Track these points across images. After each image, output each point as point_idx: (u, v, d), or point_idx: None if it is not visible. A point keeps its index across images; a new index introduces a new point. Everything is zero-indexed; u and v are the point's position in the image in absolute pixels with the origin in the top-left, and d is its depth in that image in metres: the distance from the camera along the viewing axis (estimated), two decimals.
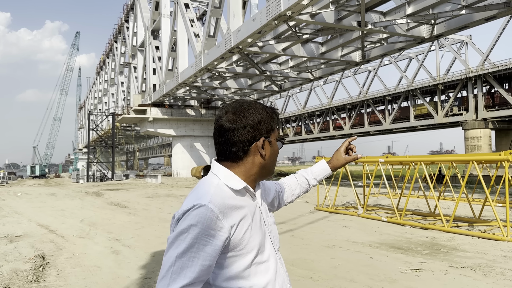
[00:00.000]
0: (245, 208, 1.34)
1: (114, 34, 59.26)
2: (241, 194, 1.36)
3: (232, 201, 1.31)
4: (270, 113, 1.44)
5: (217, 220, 1.23)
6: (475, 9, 15.26)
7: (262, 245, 1.36)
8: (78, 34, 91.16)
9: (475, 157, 9.07)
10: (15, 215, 12.85)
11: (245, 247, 1.30)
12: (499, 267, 5.82)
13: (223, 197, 1.29)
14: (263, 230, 1.40)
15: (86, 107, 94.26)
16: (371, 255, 6.65)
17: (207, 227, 1.21)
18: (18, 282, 5.34)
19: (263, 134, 1.39)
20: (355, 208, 12.57)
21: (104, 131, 51.55)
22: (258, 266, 1.34)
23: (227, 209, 1.27)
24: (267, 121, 1.41)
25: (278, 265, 1.42)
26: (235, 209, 1.30)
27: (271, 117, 1.43)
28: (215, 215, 1.23)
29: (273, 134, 1.44)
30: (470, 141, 35.95)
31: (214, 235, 1.22)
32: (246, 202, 1.36)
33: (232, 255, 1.29)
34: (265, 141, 1.40)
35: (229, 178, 1.36)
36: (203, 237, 1.21)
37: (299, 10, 15.03)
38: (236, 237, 1.28)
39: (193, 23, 28.80)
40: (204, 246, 1.21)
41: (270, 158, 1.43)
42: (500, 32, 36.71)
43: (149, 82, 39.30)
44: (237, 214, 1.30)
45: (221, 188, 1.33)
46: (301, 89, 59.27)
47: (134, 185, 30.17)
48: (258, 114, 1.39)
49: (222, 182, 1.35)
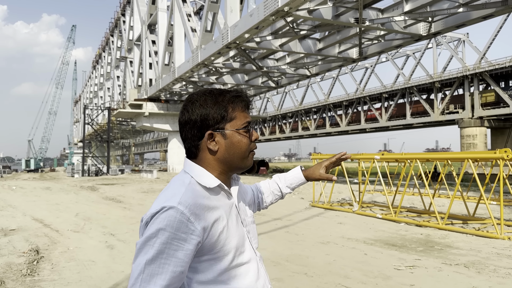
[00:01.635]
0: (220, 208, 1.25)
1: (110, 28, 58.93)
2: (215, 193, 1.26)
3: (205, 201, 1.21)
4: (222, 101, 1.28)
5: (188, 222, 1.13)
6: (473, 7, 15.29)
7: (240, 246, 1.27)
8: (74, 28, 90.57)
9: (470, 155, 9.10)
10: (10, 209, 12.80)
11: (221, 250, 1.21)
12: (492, 264, 5.85)
13: (194, 197, 1.19)
14: (241, 230, 1.31)
15: (81, 101, 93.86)
16: (365, 252, 6.67)
17: (177, 231, 1.12)
18: (12, 276, 5.32)
19: (211, 127, 1.27)
20: (350, 205, 12.60)
21: (100, 125, 51.37)
22: (237, 269, 1.25)
23: (200, 210, 1.17)
24: (215, 112, 1.27)
25: (259, 266, 1.34)
26: (208, 209, 1.20)
27: (224, 106, 1.28)
28: (186, 217, 1.13)
29: (230, 123, 1.28)
30: (466, 139, 36.13)
31: (185, 239, 1.13)
32: (220, 202, 1.27)
33: (207, 258, 1.21)
34: (213, 133, 1.27)
35: (202, 175, 1.27)
36: (174, 242, 1.11)
37: (296, 6, 14.99)
38: (210, 239, 1.19)
39: (190, 17, 28.69)
40: (175, 251, 1.11)
41: (226, 151, 1.28)
42: (497, 31, 36.82)
43: (145, 77, 39.15)
44: (211, 215, 1.20)
45: (193, 187, 1.23)
46: (298, 86, 59.32)
47: (129, 180, 30.11)
48: (202, 108, 1.27)
49: (194, 180, 1.25)
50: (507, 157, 7.76)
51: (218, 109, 1.28)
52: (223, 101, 1.29)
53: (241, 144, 1.29)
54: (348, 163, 67.25)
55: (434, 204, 9.38)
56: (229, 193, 1.32)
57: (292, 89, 61.96)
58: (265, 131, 68.40)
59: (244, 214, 1.39)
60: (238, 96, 1.31)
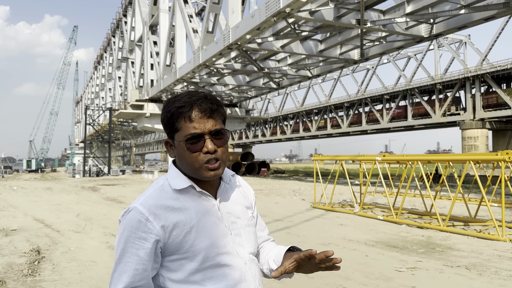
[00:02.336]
0: (189, 209, 1.26)
1: (112, 28, 59.00)
2: (185, 194, 1.28)
3: (169, 202, 1.25)
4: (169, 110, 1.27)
5: (147, 222, 1.20)
6: (475, 9, 15.27)
7: (217, 247, 1.27)
8: (76, 28, 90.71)
9: (472, 157, 9.09)
10: (11, 209, 12.81)
11: (189, 250, 1.24)
12: (493, 266, 5.84)
13: (158, 198, 1.25)
14: (221, 232, 1.30)
15: (83, 102, 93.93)
16: (366, 253, 6.66)
17: (136, 230, 1.20)
18: (13, 276, 5.33)
19: (168, 134, 1.31)
20: (352, 206, 12.59)
21: (101, 126, 51.41)
22: (214, 271, 1.26)
23: (161, 210, 1.22)
24: (165, 120, 1.29)
25: (243, 271, 1.31)
26: (171, 210, 1.24)
27: (170, 115, 1.27)
28: (145, 217, 1.20)
29: (178, 133, 1.27)
30: (467, 141, 36.06)
31: (145, 237, 1.20)
32: (191, 203, 1.28)
33: (177, 258, 1.24)
34: (169, 141, 1.32)
35: (173, 177, 1.31)
36: (135, 241, 1.20)
37: (298, 7, 14.99)
38: (174, 239, 1.22)
39: (191, 18, 28.70)
40: (136, 250, 1.20)
41: (179, 160, 1.30)
42: (499, 33, 36.78)
43: (146, 78, 39.17)
44: (174, 216, 1.23)
45: (163, 188, 1.28)
46: (299, 87, 59.31)
47: (130, 181, 30.11)
48: (164, 112, 1.29)
49: (167, 182, 1.30)
50: (508, 159, 7.74)
51: (167, 118, 1.29)
52: (171, 109, 1.27)
53: (185, 155, 1.27)
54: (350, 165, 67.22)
55: (435, 206, 9.36)
56: (207, 194, 1.31)
57: (293, 90, 61.95)
58: (266, 132, 68.38)
59: (232, 216, 1.36)
60: (181, 106, 1.25)
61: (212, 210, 1.31)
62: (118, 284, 1.21)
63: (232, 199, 1.40)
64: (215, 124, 1.27)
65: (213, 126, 1.26)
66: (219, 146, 1.28)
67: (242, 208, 1.42)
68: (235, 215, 1.37)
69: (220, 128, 1.28)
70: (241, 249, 1.34)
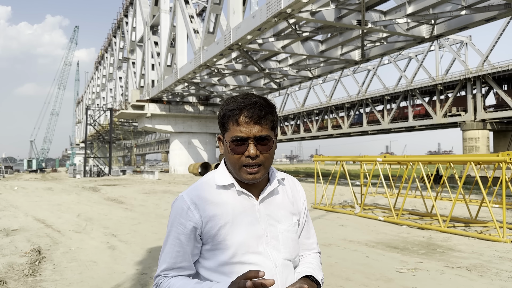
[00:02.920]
0: (226, 205, 1.34)
1: (113, 29, 59.07)
2: (227, 190, 1.37)
3: (210, 195, 1.35)
4: (223, 110, 1.35)
5: (188, 210, 1.33)
6: (476, 10, 15.27)
7: (248, 246, 1.32)
8: (77, 29, 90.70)
9: (472, 158, 9.08)
10: (12, 209, 12.82)
11: (222, 243, 1.32)
12: (494, 267, 5.83)
13: (201, 190, 1.37)
14: (255, 232, 1.34)
15: (84, 102, 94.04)
16: (367, 254, 6.66)
17: (179, 216, 1.34)
18: (14, 276, 5.33)
19: (221, 131, 1.39)
20: (352, 207, 12.59)
21: (102, 126, 51.48)
22: (240, 266, 1.31)
23: (201, 201, 1.34)
24: (219, 119, 1.38)
25: (273, 274, 1.33)
26: (211, 203, 1.34)
27: (223, 114, 1.35)
28: (187, 205, 1.33)
29: (227, 133, 1.34)
30: (468, 142, 36.03)
31: (184, 224, 1.33)
32: (231, 199, 1.36)
33: (210, 248, 1.34)
34: (220, 137, 1.41)
35: (219, 173, 1.40)
36: (178, 226, 1.34)
37: (299, 7, 15.00)
38: (209, 230, 1.32)
39: (192, 19, 28.73)
40: (178, 234, 1.34)
41: (226, 159, 1.39)
42: (500, 33, 36.78)
43: (147, 78, 39.22)
44: (212, 208, 1.33)
45: (207, 182, 1.39)
46: (300, 87, 59.32)
47: (131, 181, 30.14)
48: (219, 111, 1.37)
49: (214, 177, 1.40)
50: (509, 160, 7.74)
51: (220, 118, 1.37)
52: (225, 109, 1.35)
53: (229, 156, 1.35)
54: (350, 165, 67.05)
55: (436, 207, 9.35)
56: (247, 194, 1.37)
57: (294, 91, 61.95)
58: None
59: (272, 219, 1.40)
60: (232, 109, 1.32)
61: (250, 209, 1.37)
62: (163, 264, 1.37)
63: (276, 203, 1.43)
64: (261, 130, 1.31)
65: (259, 132, 1.31)
66: (262, 152, 1.33)
67: (286, 213, 1.44)
68: (275, 218, 1.41)
69: (266, 134, 1.32)
70: (275, 252, 1.37)
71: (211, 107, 40.08)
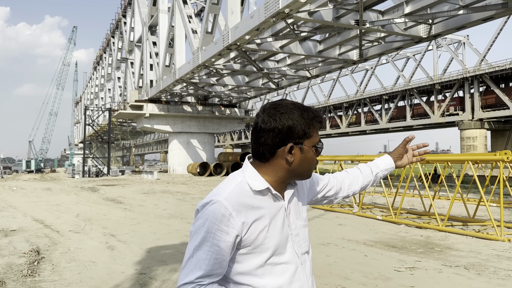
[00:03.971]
0: (264, 209, 1.36)
1: (111, 29, 58.99)
2: (262, 194, 1.37)
3: (249, 200, 1.34)
4: (307, 118, 1.38)
5: (230, 217, 1.29)
6: (473, 10, 15.31)
7: (280, 247, 1.38)
8: (75, 29, 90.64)
9: (470, 157, 9.11)
10: (10, 210, 12.81)
11: (260, 247, 1.34)
12: (492, 266, 5.86)
13: (240, 195, 1.33)
14: (285, 233, 1.40)
15: (82, 102, 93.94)
16: (365, 253, 6.68)
17: (219, 223, 1.28)
18: (13, 276, 5.34)
19: (292, 139, 1.36)
20: (351, 207, 12.61)
21: (100, 126, 51.43)
22: (273, 267, 1.36)
23: (242, 207, 1.32)
24: (299, 127, 1.36)
25: (299, 270, 1.42)
26: (251, 208, 1.33)
27: (308, 123, 1.38)
28: (229, 212, 1.29)
29: (308, 140, 1.39)
30: (466, 141, 36.11)
31: (226, 231, 1.29)
32: (266, 203, 1.37)
33: (245, 252, 1.34)
34: (294, 146, 1.37)
35: (252, 177, 1.38)
36: (216, 232, 1.28)
37: (297, 7, 15.02)
38: (249, 236, 1.32)
39: (191, 19, 28.73)
40: (217, 241, 1.28)
41: (299, 164, 1.40)
42: (498, 33, 36.85)
43: (146, 78, 39.18)
44: (253, 214, 1.33)
45: (242, 186, 1.36)
46: (299, 87, 59.35)
47: (130, 181, 30.12)
48: (290, 120, 1.35)
49: (245, 180, 1.38)
50: (507, 159, 7.77)
51: (302, 125, 1.37)
52: (307, 117, 1.38)
53: (312, 159, 1.42)
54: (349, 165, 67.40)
55: (434, 206, 9.38)
56: (279, 196, 1.41)
57: (292, 91, 61.99)
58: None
59: (294, 217, 1.46)
60: (318, 116, 1.41)
61: (281, 211, 1.41)
62: (198, 271, 1.29)
63: (295, 200, 1.50)
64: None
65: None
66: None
67: (301, 209, 1.52)
68: (295, 215, 1.47)
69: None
70: (299, 248, 1.44)
71: (209, 107, 40.07)
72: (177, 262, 6.06)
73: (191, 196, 17.07)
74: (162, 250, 6.86)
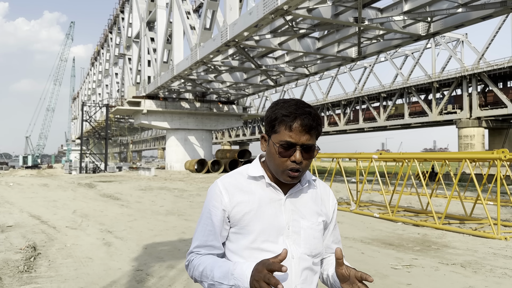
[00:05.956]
0: (255, 194, 1.44)
1: (109, 25, 58.73)
2: (255, 180, 1.47)
3: (241, 183, 1.47)
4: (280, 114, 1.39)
5: (220, 194, 1.45)
6: (472, 8, 15.30)
7: (268, 235, 1.41)
8: (73, 24, 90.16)
9: (468, 155, 9.12)
10: (7, 205, 12.77)
11: (245, 228, 1.42)
12: (488, 264, 5.87)
13: (233, 178, 1.49)
14: (277, 224, 1.42)
15: (79, 98, 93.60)
16: (362, 251, 6.69)
17: (212, 199, 1.46)
18: (9, 272, 5.31)
19: (267, 131, 1.46)
20: (348, 204, 12.62)
21: (98, 122, 51.23)
22: (260, 253, 1.39)
23: (233, 188, 1.45)
24: (268, 119, 1.44)
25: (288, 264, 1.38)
26: (241, 190, 1.45)
27: (277, 118, 1.40)
28: (219, 189, 1.45)
29: (274, 135, 1.40)
30: (464, 139, 36.19)
31: (217, 206, 1.44)
32: (259, 189, 1.46)
33: (235, 231, 1.45)
34: (264, 136, 1.47)
35: (252, 166, 1.51)
36: (211, 208, 1.46)
37: (296, 4, 14.97)
38: (235, 214, 1.43)
39: (189, 15, 28.61)
40: (210, 214, 1.46)
41: (267, 156, 1.47)
42: (496, 31, 36.85)
43: (143, 74, 39.05)
44: (241, 195, 1.44)
45: (241, 172, 1.51)
46: (297, 84, 59.27)
47: (127, 177, 30.07)
48: (270, 112, 1.44)
49: (247, 168, 1.51)
50: (504, 158, 7.78)
51: (271, 118, 1.43)
52: (281, 114, 1.40)
53: (274, 157, 1.42)
54: (346, 162, 67.38)
55: (431, 204, 9.40)
56: (277, 188, 1.46)
57: (290, 88, 61.93)
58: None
59: (296, 215, 1.46)
60: (287, 115, 1.38)
61: (277, 202, 1.45)
62: (195, 241, 1.48)
63: (303, 200, 1.50)
64: (309, 139, 1.39)
65: (307, 141, 1.39)
66: (305, 158, 1.40)
67: (311, 212, 1.50)
68: (300, 214, 1.47)
69: (312, 144, 1.41)
70: (295, 246, 1.44)
71: (207, 103, 39.99)
72: (174, 258, 6.05)
73: (188, 193, 17.06)
74: (159, 247, 6.85)
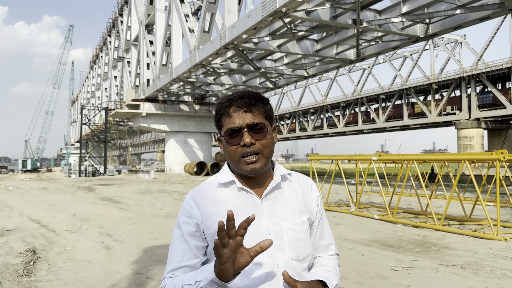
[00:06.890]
0: (228, 203, 1.33)
1: (108, 28, 58.80)
2: (225, 187, 1.37)
3: (210, 194, 1.36)
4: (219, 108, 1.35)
5: (190, 208, 1.35)
6: (470, 9, 15.34)
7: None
8: (71, 28, 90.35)
9: (467, 157, 9.12)
10: (6, 209, 12.75)
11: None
12: (488, 265, 5.87)
13: (203, 189, 1.39)
14: (255, 231, 1.28)
15: (78, 101, 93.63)
16: (362, 253, 6.68)
17: (182, 215, 1.37)
18: (9, 276, 5.30)
19: (218, 132, 1.39)
20: (348, 206, 12.62)
21: (97, 125, 51.25)
22: None
23: (203, 199, 1.35)
24: (215, 119, 1.39)
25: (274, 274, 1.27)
26: (211, 201, 1.35)
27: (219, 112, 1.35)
28: (189, 204, 1.36)
29: (222, 129, 1.35)
30: (463, 140, 36.19)
31: (188, 222, 1.34)
32: (231, 197, 1.35)
33: (211, 246, 1.32)
34: (219, 138, 1.41)
35: (221, 172, 1.42)
36: (182, 224, 1.36)
37: (294, 7, 15.01)
38: (209, 227, 1.31)
39: (188, 18, 28.65)
40: (182, 232, 1.35)
41: (225, 154, 1.37)
42: (494, 32, 36.92)
43: (142, 77, 39.08)
44: (213, 207, 1.33)
45: (210, 182, 1.41)
46: (296, 86, 59.31)
47: (126, 181, 30.05)
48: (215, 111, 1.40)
49: (216, 176, 1.42)
50: (503, 159, 7.79)
51: (215, 117, 1.39)
52: (216, 109, 1.39)
53: (228, 149, 1.34)
54: (346, 164, 67.30)
55: (431, 205, 9.40)
56: (250, 192, 1.36)
57: (289, 90, 61.94)
58: None
59: (275, 218, 1.34)
60: (222, 103, 1.35)
61: (252, 207, 1.33)
62: (170, 265, 1.34)
63: (281, 200, 1.38)
64: (253, 118, 1.31)
65: (251, 120, 1.31)
66: (258, 139, 1.31)
67: (292, 211, 1.38)
68: (279, 217, 1.35)
69: (258, 122, 1.31)
70: (279, 252, 1.31)
71: (206, 106, 40.01)
72: None
73: None
74: (158, 250, 6.84)
